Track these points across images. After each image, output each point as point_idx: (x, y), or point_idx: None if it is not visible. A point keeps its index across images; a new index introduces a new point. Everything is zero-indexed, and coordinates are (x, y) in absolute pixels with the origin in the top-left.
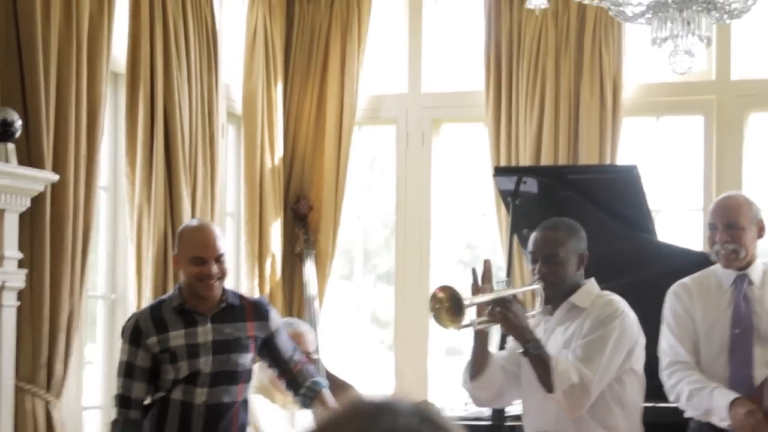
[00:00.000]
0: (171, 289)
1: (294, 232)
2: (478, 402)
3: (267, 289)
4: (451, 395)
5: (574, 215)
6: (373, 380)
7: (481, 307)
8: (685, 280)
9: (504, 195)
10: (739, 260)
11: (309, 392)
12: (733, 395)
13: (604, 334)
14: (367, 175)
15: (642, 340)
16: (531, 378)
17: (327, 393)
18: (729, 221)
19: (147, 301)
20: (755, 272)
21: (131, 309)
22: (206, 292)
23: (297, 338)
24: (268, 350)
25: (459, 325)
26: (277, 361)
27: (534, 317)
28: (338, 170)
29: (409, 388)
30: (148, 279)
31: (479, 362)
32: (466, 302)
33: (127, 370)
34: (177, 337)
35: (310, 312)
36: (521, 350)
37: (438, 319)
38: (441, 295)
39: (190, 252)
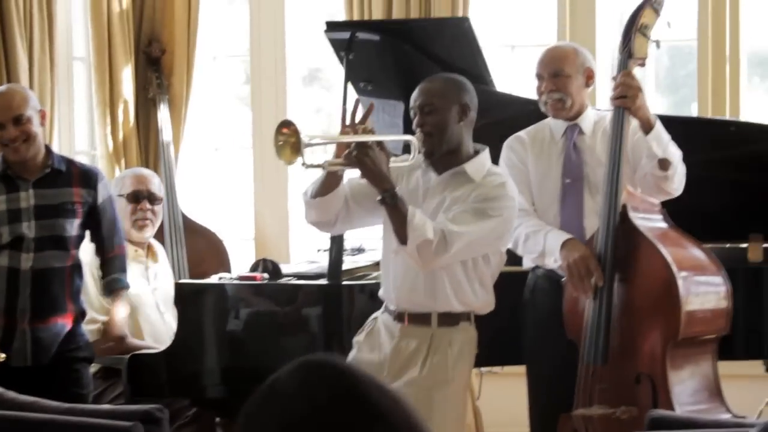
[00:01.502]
0: None
1: (147, 77)
2: (308, 217)
3: (120, 136)
4: (306, 245)
5: (412, 69)
6: (233, 224)
7: (341, 148)
8: (520, 132)
9: (337, 49)
10: (566, 109)
11: (108, 285)
12: (566, 236)
13: (487, 211)
14: (222, 13)
15: (517, 223)
16: (390, 229)
17: (122, 296)
18: (554, 70)
19: None
20: (586, 121)
21: None
22: (12, 156)
23: (141, 180)
24: (91, 222)
25: (295, 160)
26: (96, 236)
27: (404, 166)
28: (190, 10)
29: (269, 231)
30: None
31: (325, 188)
32: (305, 139)
33: None
34: None
35: (166, 158)
36: (378, 198)
37: (280, 153)
38: (286, 130)
39: None
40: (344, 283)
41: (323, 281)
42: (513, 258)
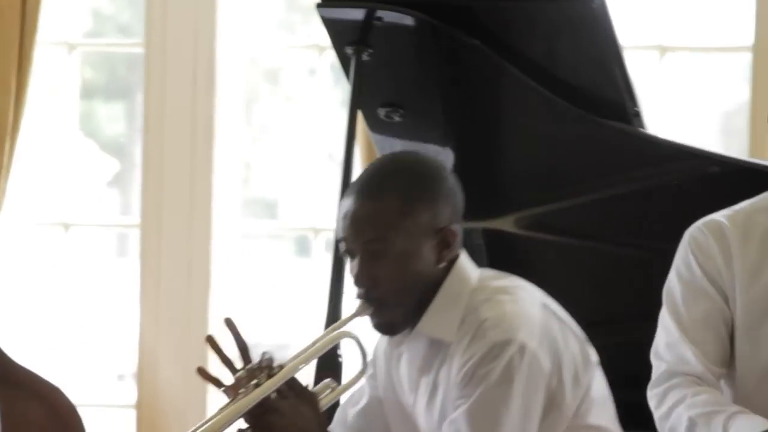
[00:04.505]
0: None
1: None
2: None
3: None
4: None
5: (481, 85)
6: (97, 373)
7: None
8: (718, 216)
9: (338, 42)
10: None
11: None
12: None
13: (497, 394)
14: None
15: (677, 395)
16: None
17: None
18: None
19: None
20: None
21: None
22: None
23: None
24: None
25: None
26: None
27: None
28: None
29: (168, 388)
30: None
31: None
32: None
33: None
34: None
35: None
36: None
37: None
38: None
39: None
40: None
41: None
42: None
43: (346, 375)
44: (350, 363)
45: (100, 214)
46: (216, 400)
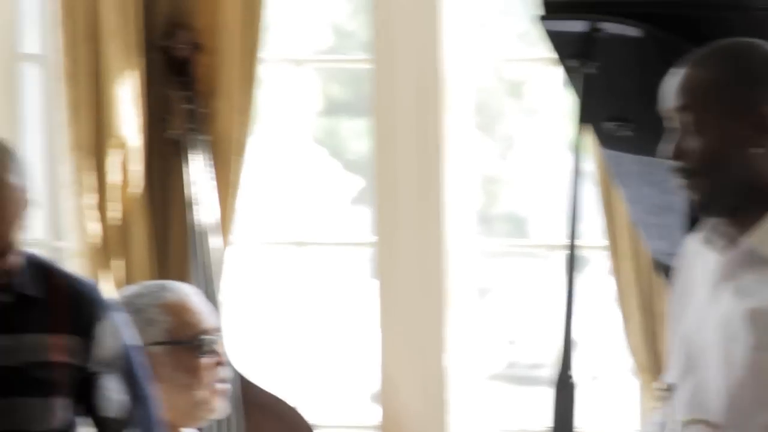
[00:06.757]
0: None
1: (166, 97)
2: None
3: (114, 215)
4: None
5: None
6: (322, 393)
7: None
8: None
9: (563, 54)
10: None
11: None
12: None
13: None
14: None
15: None
16: None
17: None
18: None
19: None
20: None
21: None
22: None
23: (181, 313)
24: (85, 396)
25: None
26: (95, 418)
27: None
28: None
29: (410, 407)
30: None
31: None
32: None
33: None
34: None
35: (202, 256)
36: None
37: None
38: None
39: None
40: None
41: None
42: None
43: None
44: None
45: (337, 233)
46: (456, 424)
